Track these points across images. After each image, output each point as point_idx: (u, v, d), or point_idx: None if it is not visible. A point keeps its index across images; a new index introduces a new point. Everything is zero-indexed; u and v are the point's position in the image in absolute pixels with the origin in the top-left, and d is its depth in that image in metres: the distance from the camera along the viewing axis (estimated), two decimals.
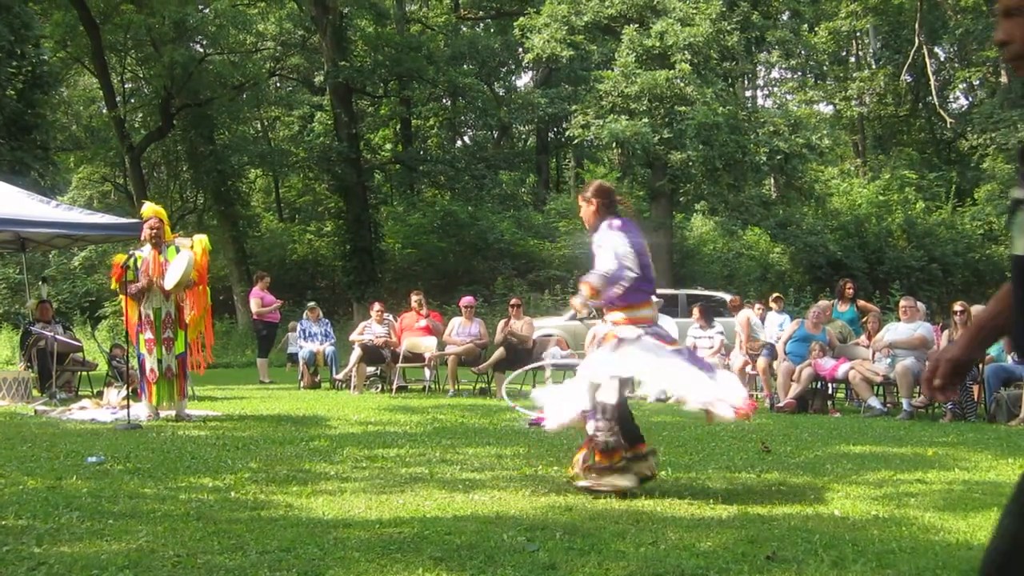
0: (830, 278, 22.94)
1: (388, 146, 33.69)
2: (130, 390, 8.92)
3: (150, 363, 8.49)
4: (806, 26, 28.39)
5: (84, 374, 12.58)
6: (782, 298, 13.82)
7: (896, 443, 7.58)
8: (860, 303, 12.59)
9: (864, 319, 11.89)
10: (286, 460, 6.21)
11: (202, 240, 9.00)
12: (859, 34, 36.02)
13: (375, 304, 13.73)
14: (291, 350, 15.32)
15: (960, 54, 34.18)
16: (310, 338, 14.01)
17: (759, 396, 11.61)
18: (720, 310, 15.72)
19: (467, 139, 36.05)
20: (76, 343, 12.49)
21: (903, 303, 10.80)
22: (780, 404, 10.54)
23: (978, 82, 33.53)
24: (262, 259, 27.47)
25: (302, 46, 28.89)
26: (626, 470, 5.09)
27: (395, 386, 12.68)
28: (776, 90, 39.22)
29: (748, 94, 36.43)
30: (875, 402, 10.36)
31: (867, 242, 26.74)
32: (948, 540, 4.09)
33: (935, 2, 30.37)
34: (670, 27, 21.94)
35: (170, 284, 8.41)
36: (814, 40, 29.92)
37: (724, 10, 22.65)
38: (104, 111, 28.94)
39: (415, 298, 13.21)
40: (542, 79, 31.57)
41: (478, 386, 12.85)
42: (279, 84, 32.56)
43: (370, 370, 12.95)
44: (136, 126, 28.96)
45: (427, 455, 6.55)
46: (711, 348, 12.15)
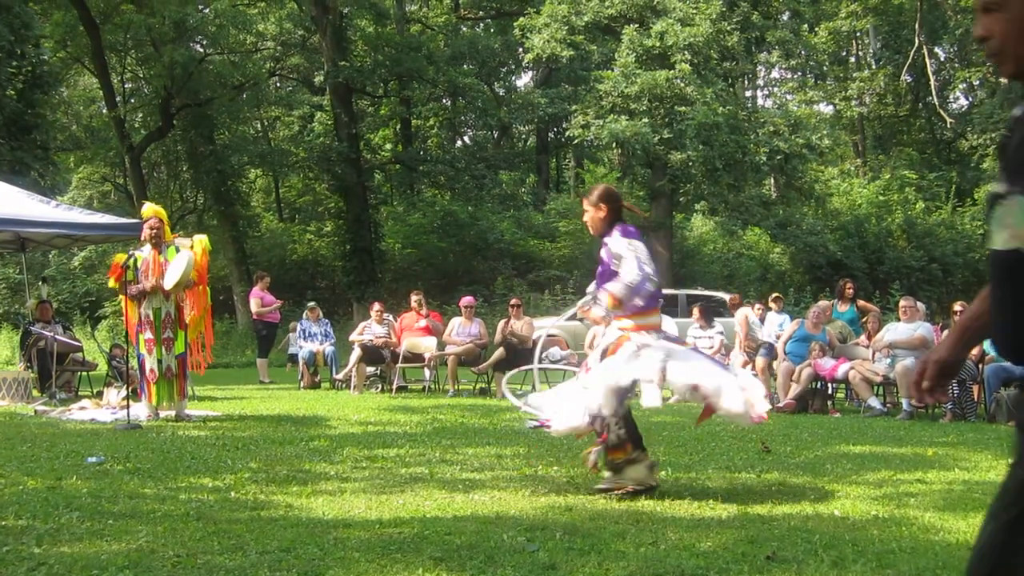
0: (830, 278, 22.94)
1: (388, 146, 33.68)
2: (130, 390, 8.92)
3: (150, 363, 8.49)
4: (806, 26, 28.37)
5: (84, 374, 12.58)
6: (781, 298, 13.81)
7: (896, 443, 7.58)
8: (860, 303, 12.59)
9: (864, 319, 11.89)
10: (286, 460, 6.21)
11: (202, 240, 9.00)
12: (859, 34, 36.02)
13: (375, 304, 13.73)
14: (292, 350, 15.32)
15: (960, 54, 34.17)
16: (310, 338, 14.00)
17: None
18: (720, 310, 15.71)
19: (467, 139, 36.05)
20: (76, 343, 12.49)
21: (903, 303, 10.80)
22: (780, 404, 10.54)
23: (978, 82, 33.51)
24: (262, 259, 27.46)
25: (302, 46, 28.88)
26: (640, 460, 5.10)
27: (395, 386, 12.68)
28: (776, 90, 39.26)
29: (748, 94, 36.43)
30: (875, 402, 10.36)
31: (867, 242, 26.74)
32: (948, 540, 4.09)
33: (935, 2, 30.33)
34: (670, 27, 21.94)
35: (170, 284, 8.41)
36: (814, 40, 29.91)
37: (724, 10, 22.64)
38: (104, 111, 28.94)
39: (415, 298, 13.21)
40: (542, 79, 31.57)
41: (478, 386, 12.85)
42: (279, 84, 32.55)
43: (370, 370, 12.95)
44: (136, 126, 28.96)
45: (427, 455, 6.55)
46: (711, 348, 12.14)
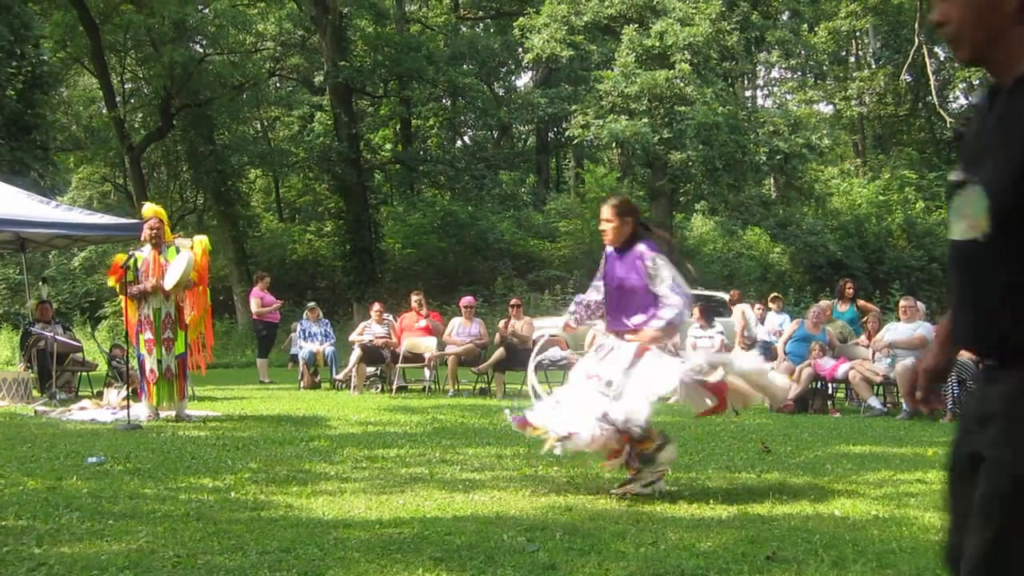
0: (830, 278, 22.93)
1: (388, 146, 33.67)
2: (130, 390, 8.92)
3: (150, 363, 8.48)
4: (806, 26, 28.40)
5: (84, 374, 12.57)
6: (780, 298, 13.81)
7: (896, 443, 7.58)
8: (860, 303, 12.58)
9: (864, 319, 11.89)
10: (286, 460, 6.21)
11: (202, 240, 9.00)
12: (859, 34, 36.01)
13: (375, 304, 13.73)
14: (293, 351, 15.31)
15: None
16: (310, 338, 13.99)
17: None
18: (720, 310, 15.71)
19: (467, 139, 36.04)
20: (76, 343, 12.48)
21: (903, 303, 10.80)
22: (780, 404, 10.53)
23: (978, 82, 33.46)
24: (262, 259, 27.44)
25: (302, 46, 28.88)
26: (667, 442, 5.14)
27: (395, 386, 12.67)
28: (776, 90, 39.26)
29: (748, 94, 36.43)
30: (875, 402, 10.36)
31: (867, 242, 26.74)
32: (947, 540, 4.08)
33: (935, 2, 30.31)
34: (670, 27, 21.94)
35: (170, 284, 8.40)
36: (814, 40, 29.93)
37: (724, 10, 22.64)
38: (104, 111, 28.92)
39: (415, 298, 13.20)
40: (542, 79, 31.56)
41: (478, 386, 12.85)
42: (279, 84, 32.54)
43: (370, 370, 12.94)
44: (136, 126, 28.94)
45: (427, 455, 6.55)
46: (711, 348, 12.14)
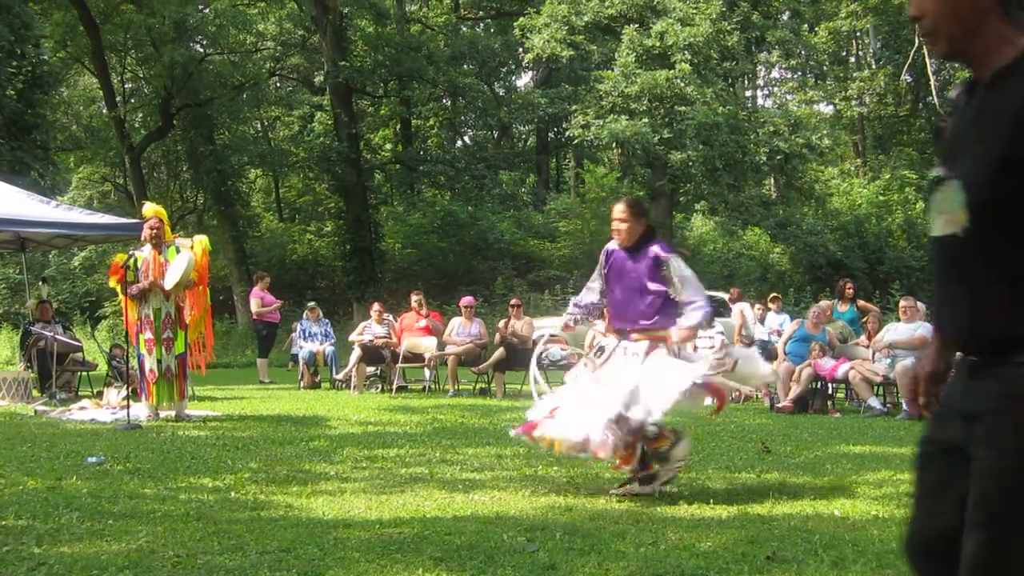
0: (830, 278, 22.92)
1: (388, 146, 33.66)
2: (130, 390, 8.92)
3: (149, 363, 8.48)
4: (806, 26, 28.35)
5: (84, 374, 12.56)
6: (780, 297, 13.82)
7: (896, 443, 7.57)
8: (860, 303, 12.58)
9: (864, 319, 11.89)
10: (286, 460, 6.21)
11: (202, 240, 9.00)
12: (859, 34, 36.00)
13: (375, 304, 13.73)
14: (294, 351, 15.31)
15: None
16: (310, 338, 13.99)
17: (758, 395, 11.63)
18: (720, 310, 15.69)
19: (467, 139, 36.03)
20: (76, 343, 12.47)
21: (903, 303, 10.79)
22: (780, 404, 10.55)
23: None
24: (262, 259, 27.44)
25: (302, 46, 28.86)
26: (680, 438, 5.15)
27: (395, 386, 12.67)
28: (776, 90, 39.21)
29: (748, 94, 36.41)
30: (875, 402, 10.36)
31: (867, 242, 26.72)
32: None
33: None
34: (670, 27, 21.93)
35: (170, 284, 8.40)
36: (814, 40, 29.89)
37: (724, 10, 22.63)
38: (104, 111, 28.91)
39: (415, 298, 13.20)
40: (542, 79, 31.55)
41: (478, 386, 12.85)
42: (279, 84, 32.53)
43: (370, 370, 12.94)
44: (136, 126, 28.93)
45: (427, 455, 6.55)
46: (712, 348, 12.12)
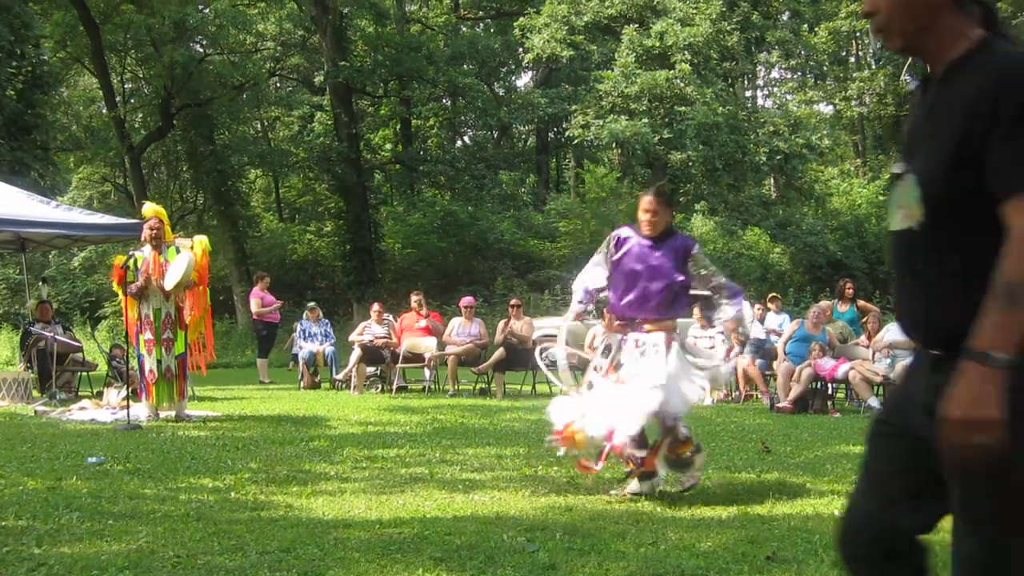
0: (830, 278, 22.91)
1: (388, 146, 33.66)
2: (130, 390, 8.92)
3: (149, 364, 8.48)
4: (806, 26, 28.39)
5: (84, 374, 12.56)
6: (779, 297, 13.81)
7: None
8: (860, 303, 12.58)
9: (864, 319, 11.88)
10: (286, 460, 6.21)
11: (202, 241, 8.99)
12: (859, 34, 35.97)
13: (375, 304, 13.72)
14: (294, 351, 15.30)
15: None
16: (310, 338, 13.99)
17: (758, 395, 11.64)
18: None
19: (467, 139, 36.03)
20: (76, 343, 12.47)
21: None
22: (780, 404, 10.55)
23: None
24: (262, 259, 27.43)
25: (302, 46, 28.87)
26: (700, 449, 5.19)
27: (395, 386, 12.67)
28: (776, 90, 39.18)
29: (748, 94, 36.41)
30: (875, 402, 10.35)
31: (867, 242, 26.70)
32: (948, 539, 4.08)
33: None
34: (670, 27, 21.95)
35: (170, 285, 8.40)
36: (814, 40, 29.91)
37: (724, 10, 22.66)
38: (104, 111, 28.91)
39: (415, 298, 13.20)
40: (542, 79, 31.55)
41: (478, 386, 12.84)
42: (279, 84, 32.53)
43: (370, 370, 12.93)
44: (136, 126, 28.93)
45: (427, 455, 6.55)
46: (712, 348, 12.13)
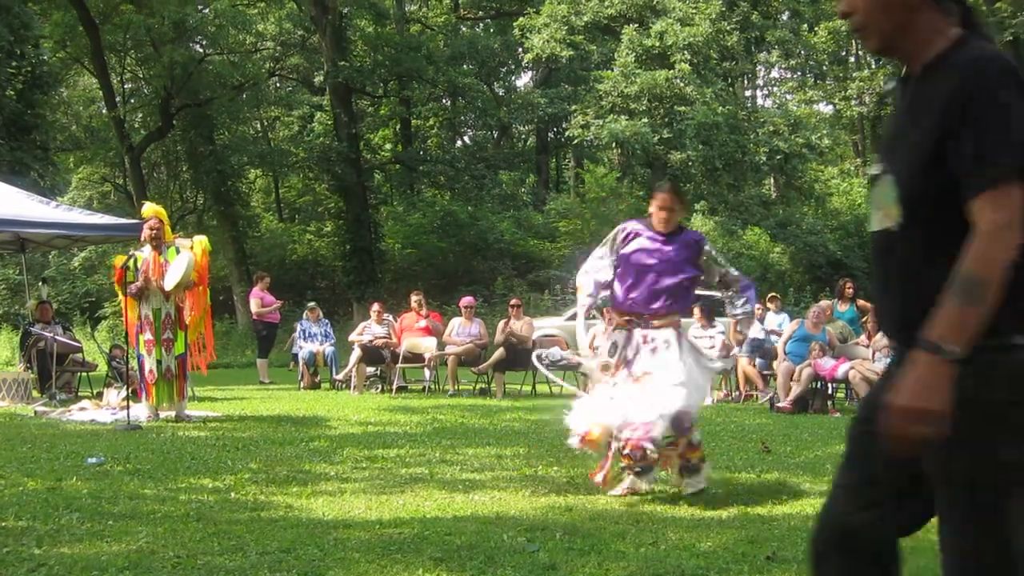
0: (830, 278, 22.90)
1: (388, 146, 33.67)
2: (130, 391, 8.92)
3: (149, 364, 8.48)
4: (806, 26, 28.39)
5: (84, 375, 12.55)
6: (778, 297, 13.81)
7: None
8: (860, 303, 12.57)
9: (864, 319, 11.88)
10: (286, 461, 6.21)
11: (202, 241, 8.99)
12: None
13: (375, 304, 13.72)
14: (294, 351, 15.29)
15: None
16: (310, 338, 13.98)
17: (757, 395, 11.65)
18: (720, 310, 15.69)
19: (467, 139, 36.03)
20: (76, 344, 12.46)
21: None
22: (780, 404, 10.55)
23: None
24: (262, 259, 27.43)
25: (302, 46, 28.87)
26: (705, 458, 5.27)
27: (395, 386, 12.66)
28: (776, 90, 39.16)
29: (748, 94, 36.39)
30: None
31: (867, 242, 26.47)
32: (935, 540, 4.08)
33: None
34: (670, 27, 21.95)
35: (170, 285, 8.40)
36: (814, 40, 29.91)
37: (724, 10, 22.67)
38: (104, 111, 28.92)
39: (415, 298, 13.19)
40: (542, 79, 31.55)
41: (478, 386, 12.84)
42: (279, 84, 32.54)
43: (370, 370, 12.93)
44: (136, 126, 28.94)
45: (427, 455, 6.55)
46: (712, 348, 12.13)
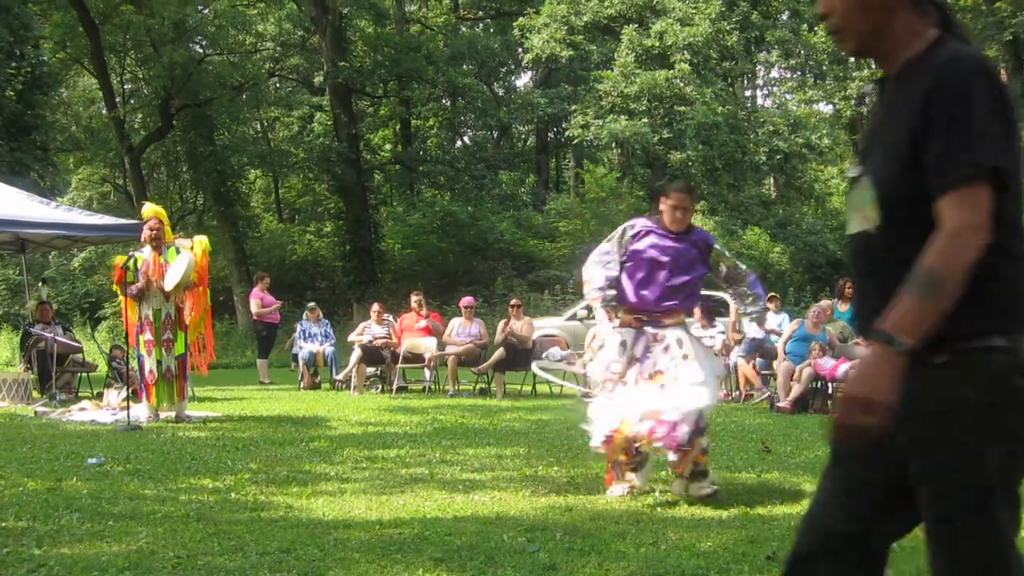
0: (830, 278, 22.92)
1: (388, 146, 33.66)
2: (130, 391, 8.92)
3: (149, 364, 8.48)
4: (806, 26, 28.33)
5: (84, 375, 12.55)
6: (777, 297, 13.80)
7: None
8: None
9: None
10: (286, 461, 6.21)
11: (202, 241, 8.99)
12: None
13: (375, 304, 13.72)
14: (295, 351, 15.30)
15: None
16: (310, 339, 13.98)
17: (755, 394, 11.65)
18: (720, 310, 15.69)
19: (467, 139, 36.03)
20: (76, 344, 12.46)
21: None
22: (780, 404, 10.55)
23: None
24: (262, 260, 27.43)
25: (302, 46, 28.87)
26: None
27: (395, 387, 12.66)
28: (776, 90, 39.14)
29: (748, 94, 36.37)
30: None
31: None
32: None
33: None
34: (670, 27, 21.96)
35: (170, 285, 8.40)
36: (813, 40, 29.87)
37: (724, 10, 22.67)
38: (104, 112, 28.91)
39: (415, 298, 13.19)
40: (542, 79, 31.55)
41: (478, 386, 12.84)
42: (279, 84, 32.53)
43: (370, 371, 12.93)
44: (136, 127, 28.93)
45: (427, 456, 6.55)
46: (712, 348, 12.13)
